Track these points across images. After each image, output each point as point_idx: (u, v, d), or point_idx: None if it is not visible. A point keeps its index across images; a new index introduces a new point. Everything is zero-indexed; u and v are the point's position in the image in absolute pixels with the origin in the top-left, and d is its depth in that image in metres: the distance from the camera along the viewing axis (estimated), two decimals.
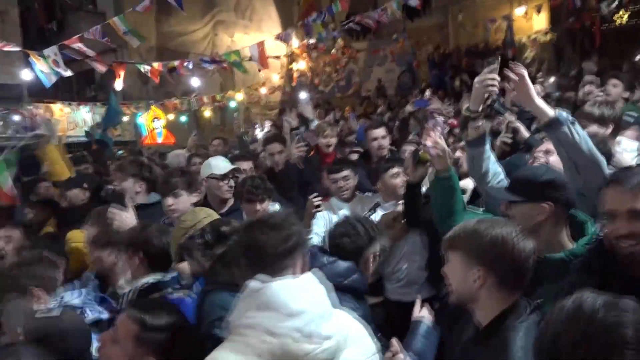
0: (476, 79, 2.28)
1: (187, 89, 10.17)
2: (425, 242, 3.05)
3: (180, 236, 2.23)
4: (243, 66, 7.45)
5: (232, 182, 3.28)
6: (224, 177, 3.28)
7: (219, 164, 3.35)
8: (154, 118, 11.04)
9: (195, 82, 8.87)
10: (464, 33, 13.15)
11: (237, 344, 1.41)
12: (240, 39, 13.79)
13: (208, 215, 2.32)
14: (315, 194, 3.15)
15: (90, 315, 2.21)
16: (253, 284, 1.45)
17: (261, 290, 1.43)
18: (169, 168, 4.93)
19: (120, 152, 7.31)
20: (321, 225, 3.14)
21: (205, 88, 10.54)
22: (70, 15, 12.32)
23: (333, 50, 11.36)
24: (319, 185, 3.73)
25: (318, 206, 3.12)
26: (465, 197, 2.94)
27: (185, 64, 7.65)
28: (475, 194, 2.94)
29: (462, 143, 3.07)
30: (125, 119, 10.65)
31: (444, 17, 13.67)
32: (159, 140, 11.27)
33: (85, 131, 8.07)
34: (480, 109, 2.28)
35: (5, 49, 6.80)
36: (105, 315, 2.25)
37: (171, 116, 10.93)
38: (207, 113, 11.75)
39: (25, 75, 6.72)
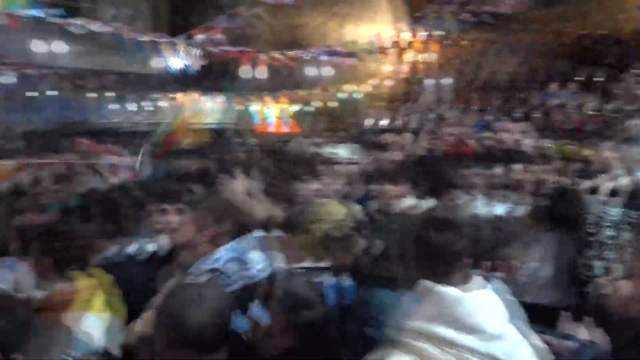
0: None
1: (311, 79, 10.44)
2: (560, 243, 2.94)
3: (320, 228, 2.21)
4: (365, 57, 7.51)
5: None
6: None
7: None
8: (281, 108, 11.51)
9: (318, 72, 9.10)
10: (594, 22, 12.20)
11: (411, 352, 1.39)
12: (356, 31, 13.88)
13: (346, 209, 2.33)
14: None
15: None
16: (433, 289, 1.42)
17: (442, 298, 1.40)
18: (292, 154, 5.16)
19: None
20: None
21: (328, 79, 10.75)
22: (196, 6, 13.09)
23: (462, 42, 11.07)
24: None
25: None
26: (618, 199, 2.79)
27: (311, 54, 7.88)
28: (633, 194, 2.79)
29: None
30: (241, 107, 11.19)
31: (570, 5, 12.80)
32: (285, 129, 11.75)
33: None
34: None
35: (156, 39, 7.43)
36: None
37: (296, 106, 11.34)
38: (331, 104, 12.02)
39: (162, 62, 7.26)
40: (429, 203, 3.01)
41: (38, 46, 8.48)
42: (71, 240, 2.49)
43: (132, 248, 2.72)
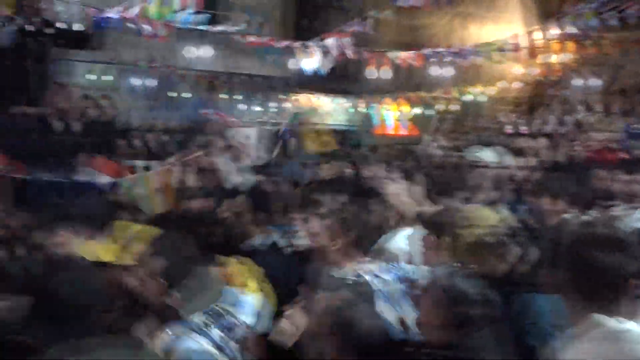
0: None
1: (433, 81, 10.29)
2: None
3: (473, 233, 2.15)
4: (496, 58, 7.24)
5: None
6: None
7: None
8: (399, 110, 11.46)
9: (440, 73, 8.92)
10: None
11: None
12: (479, 31, 13.40)
13: (498, 215, 2.27)
14: None
15: None
16: (605, 324, 1.25)
17: (618, 336, 1.22)
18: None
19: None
20: None
21: (450, 81, 10.52)
22: (322, 12, 13.43)
23: (604, 42, 10.23)
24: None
25: None
26: None
27: (436, 55, 7.76)
28: None
29: None
30: (366, 109, 11.25)
31: None
32: (403, 131, 11.68)
33: None
34: None
35: (279, 44, 7.75)
36: None
37: (415, 109, 11.24)
38: (452, 107, 11.76)
39: (292, 65, 7.50)
40: (584, 215, 2.82)
41: (181, 51, 9.30)
42: (221, 226, 2.67)
43: (275, 239, 2.83)
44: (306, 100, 11.64)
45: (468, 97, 10.97)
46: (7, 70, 4.47)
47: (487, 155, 3.13)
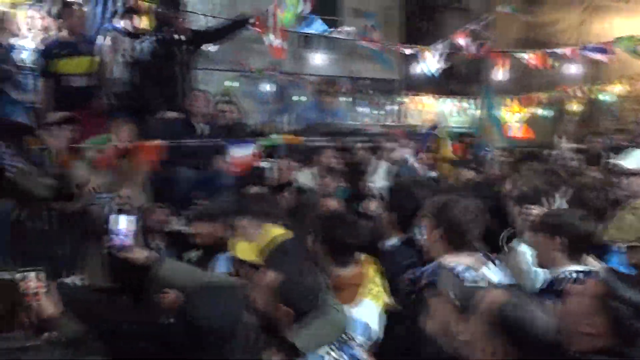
0: None
1: (560, 80, 9.74)
2: None
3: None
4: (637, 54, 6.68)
5: None
6: None
7: None
8: (523, 111, 10.98)
9: (569, 71, 8.41)
10: None
11: None
12: (615, 24, 12.40)
13: None
14: None
15: None
16: None
17: None
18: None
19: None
20: None
21: (579, 79, 9.88)
22: (439, 12, 13.24)
23: None
24: None
25: None
26: None
27: (563, 53, 7.35)
28: None
29: None
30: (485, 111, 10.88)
31: None
32: (518, 134, 11.17)
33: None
34: None
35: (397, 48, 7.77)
36: None
37: (541, 110, 10.70)
38: (573, 107, 11.04)
39: (409, 69, 7.48)
40: None
41: (303, 56, 9.72)
42: (355, 227, 2.73)
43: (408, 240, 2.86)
44: (424, 102, 11.54)
45: (600, 96, 10.21)
46: (155, 79, 4.92)
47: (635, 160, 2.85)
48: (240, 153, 4.61)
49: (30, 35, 4.87)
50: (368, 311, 2.34)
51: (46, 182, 4.23)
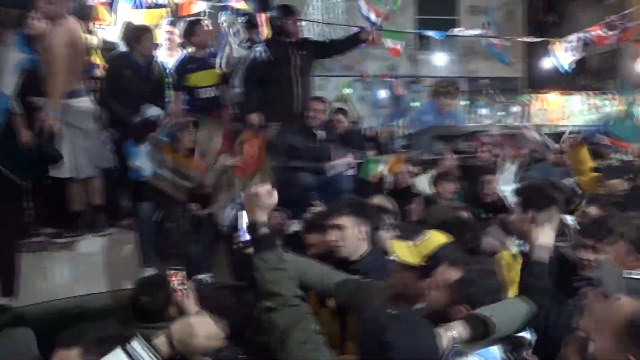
0: None
1: None
2: None
3: None
4: None
5: None
6: None
7: None
8: None
9: None
10: None
11: None
12: None
13: None
14: None
15: None
16: None
17: None
18: None
19: None
20: None
21: None
22: (568, 5, 12.37)
23: None
24: None
25: None
26: None
27: None
28: None
29: None
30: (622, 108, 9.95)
31: None
32: None
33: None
34: None
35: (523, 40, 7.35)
36: None
37: None
38: None
39: (545, 63, 7.03)
40: None
41: (419, 58, 9.60)
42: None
43: None
44: (550, 100, 10.86)
45: None
46: (272, 87, 5.11)
47: None
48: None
49: (167, 50, 5.28)
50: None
51: (182, 185, 4.61)
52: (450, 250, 2.14)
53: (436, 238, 2.18)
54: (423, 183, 4.85)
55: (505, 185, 4.25)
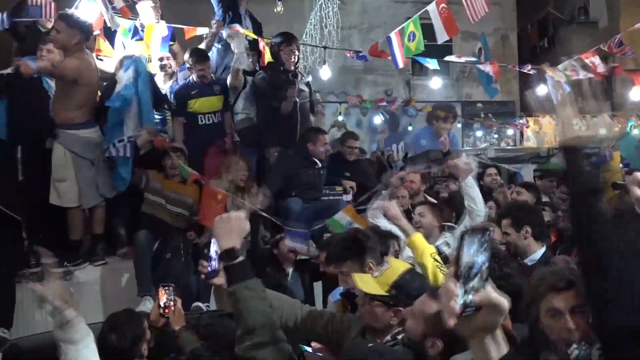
0: None
1: None
2: None
3: None
4: None
5: None
6: None
7: None
8: None
9: None
10: None
11: None
12: None
13: None
14: None
15: None
16: None
17: None
18: None
19: None
20: None
21: None
22: (561, 29, 12.58)
23: None
24: None
25: None
26: None
27: None
28: None
29: None
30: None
31: None
32: None
33: None
34: None
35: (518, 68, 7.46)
36: None
37: None
38: None
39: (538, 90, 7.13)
40: None
41: (414, 83, 9.77)
42: None
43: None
44: (545, 124, 10.95)
45: None
46: (272, 113, 5.19)
47: None
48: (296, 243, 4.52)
49: (163, 77, 5.36)
50: None
51: (177, 212, 4.63)
52: (412, 278, 2.16)
53: (396, 266, 2.21)
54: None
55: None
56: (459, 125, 10.53)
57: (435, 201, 4.76)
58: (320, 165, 5.08)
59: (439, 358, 1.75)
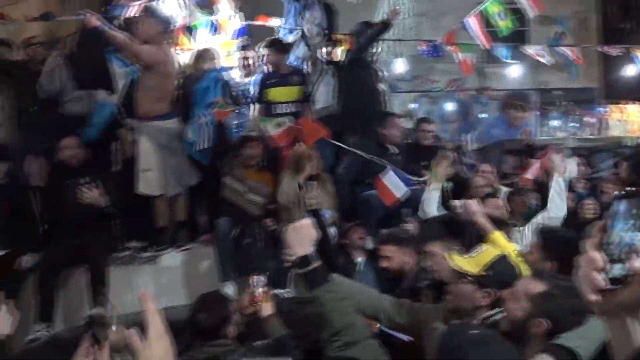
0: None
1: None
2: None
3: None
4: None
5: None
6: None
7: None
8: None
9: None
10: None
11: None
12: None
13: None
14: None
15: None
16: None
17: None
18: None
19: None
20: None
21: None
22: None
23: None
24: None
25: None
26: None
27: None
28: None
29: None
30: None
31: None
32: None
33: None
34: None
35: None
36: None
37: None
38: None
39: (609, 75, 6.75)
40: None
41: (487, 71, 9.48)
42: None
43: None
44: (629, 111, 10.30)
45: None
46: (351, 102, 5.20)
47: None
48: (392, 186, 4.56)
49: (244, 70, 5.49)
50: None
51: (255, 200, 4.76)
52: (507, 262, 2.17)
53: (491, 249, 2.23)
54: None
55: None
56: (535, 114, 10.12)
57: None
58: (395, 151, 5.04)
59: (542, 339, 1.74)
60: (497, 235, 2.96)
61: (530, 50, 7.50)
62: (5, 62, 5.26)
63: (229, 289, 4.21)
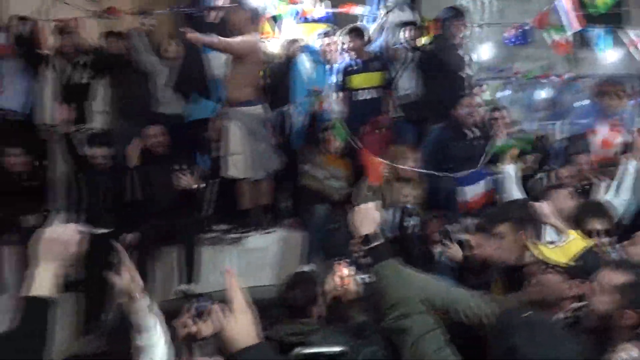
0: None
1: None
2: None
3: None
4: None
5: None
6: None
7: None
8: None
9: None
10: None
11: None
12: None
13: None
14: None
15: None
16: None
17: None
18: None
19: None
20: None
21: None
22: None
23: None
24: None
25: None
26: None
27: None
28: None
29: None
30: None
31: None
32: None
33: None
34: None
35: None
36: None
37: None
38: None
39: None
40: None
41: (580, 56, 8.91)
42: None
43: None
44: None
45: None
46: (434, 88, 5.12)
47: None
48: (472, 191, 4.54)
49: (329, 57, 5.53)
50: None
51: (336, 186, 4.83)
52: (596, 254, 2.15)
53: (580, 240, 2.19)
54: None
55: None
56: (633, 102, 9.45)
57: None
58: (474, 135, 4.91)
59: (629, 330, 1.71)
60: (573, 233, 2.85)
61: (631, 34, 6.97)
62: (112, 55, 5.58)
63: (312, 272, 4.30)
